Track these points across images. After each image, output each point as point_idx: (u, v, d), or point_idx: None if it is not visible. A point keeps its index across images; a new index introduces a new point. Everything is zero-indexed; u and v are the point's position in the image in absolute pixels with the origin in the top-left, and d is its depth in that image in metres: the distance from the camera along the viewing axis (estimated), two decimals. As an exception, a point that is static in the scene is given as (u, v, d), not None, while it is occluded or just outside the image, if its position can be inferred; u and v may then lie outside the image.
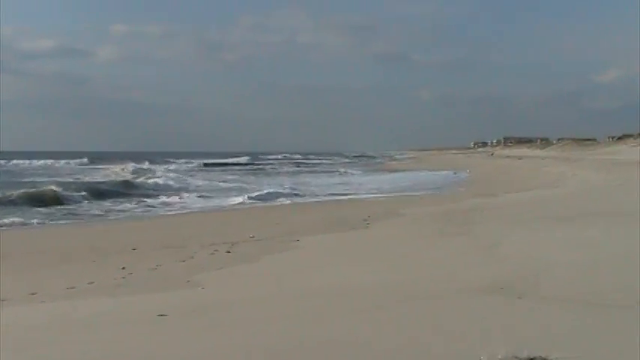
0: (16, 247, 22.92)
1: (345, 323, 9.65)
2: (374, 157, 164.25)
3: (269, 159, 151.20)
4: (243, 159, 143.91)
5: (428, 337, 8.61)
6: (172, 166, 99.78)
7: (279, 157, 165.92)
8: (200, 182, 62.49)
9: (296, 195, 46.89)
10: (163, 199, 44.49)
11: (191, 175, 73.47)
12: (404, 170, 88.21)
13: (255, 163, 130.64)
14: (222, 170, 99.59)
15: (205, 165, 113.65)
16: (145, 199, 44.20)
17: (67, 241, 25.49)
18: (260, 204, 40.69)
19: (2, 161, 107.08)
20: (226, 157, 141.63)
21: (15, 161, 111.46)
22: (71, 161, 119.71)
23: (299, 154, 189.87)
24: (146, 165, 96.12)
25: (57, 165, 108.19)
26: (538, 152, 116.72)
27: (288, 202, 42.08)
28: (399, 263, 16.36)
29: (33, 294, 14.40)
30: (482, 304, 10.71)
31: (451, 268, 14.90)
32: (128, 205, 40.79)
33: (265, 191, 47.43)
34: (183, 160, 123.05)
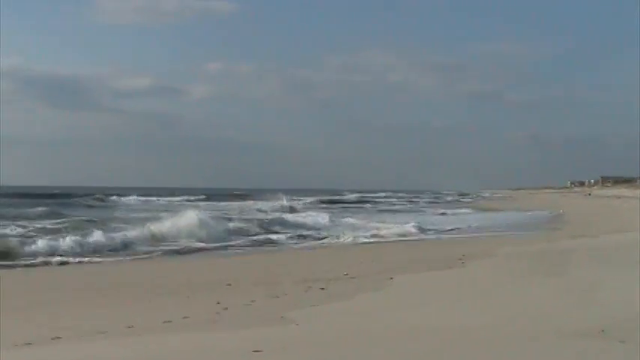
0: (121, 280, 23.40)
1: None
2: (467, 195, 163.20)
3: (375, 197, 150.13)
4: (353, 196, 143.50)
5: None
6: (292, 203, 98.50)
7: (383, 194, 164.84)
8: (345, 219, 61.02)
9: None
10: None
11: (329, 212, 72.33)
12: (497, 210, 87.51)
13: (366, 200, 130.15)
14: (343, 208, 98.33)
15: (321, 202, 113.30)
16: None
17: (182, 275, 25.88)
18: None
19: (114, 197, 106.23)
20: (320, 195, 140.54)
21: (130, 197, 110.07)
22: (191, 198, 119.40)
23: (403, 191, 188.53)
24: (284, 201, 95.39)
25: (187, 202, 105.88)
26: (637, 192, 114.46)
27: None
28: (494, 303, 16.20)
29: (129, 327, 14.60)
30: (582, 348, 10.52)
31: (547, 310, 14.59)
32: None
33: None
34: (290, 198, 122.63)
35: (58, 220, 49.19)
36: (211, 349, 11.57)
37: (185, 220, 44.93)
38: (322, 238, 42.94)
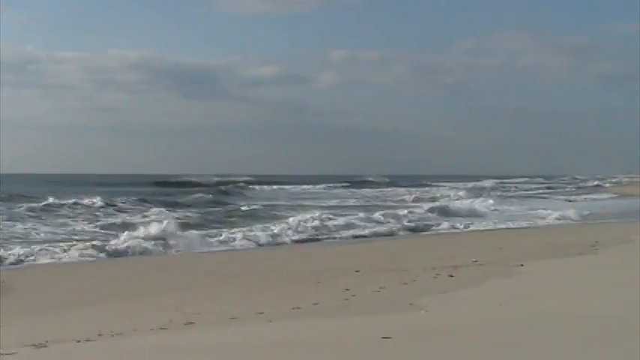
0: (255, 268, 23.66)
1: (578, 353, 9.43)
2: (606, 180, 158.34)
3: (513, 183, 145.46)
4: (488, 182, 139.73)
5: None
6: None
7: (521, 180, 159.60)
8: (506, 207, 60.89)
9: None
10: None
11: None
12: (633, 195, 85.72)
13: (505, 186, 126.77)
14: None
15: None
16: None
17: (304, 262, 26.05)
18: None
19: (257, 187, 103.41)
20: (448, 181, 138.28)
21: (276, 186, 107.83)
22: (334, 185, 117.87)
23: (540, 177, 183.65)
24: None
25: (335, 191, 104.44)
26: None
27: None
28: (630, 291, 15.86)
29: (259, 313, 14.66)
30: None
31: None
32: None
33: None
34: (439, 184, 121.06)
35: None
36: (340, 336, 11.51)
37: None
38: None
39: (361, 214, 45.91)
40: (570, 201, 69.22)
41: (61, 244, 31.29)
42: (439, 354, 9.46)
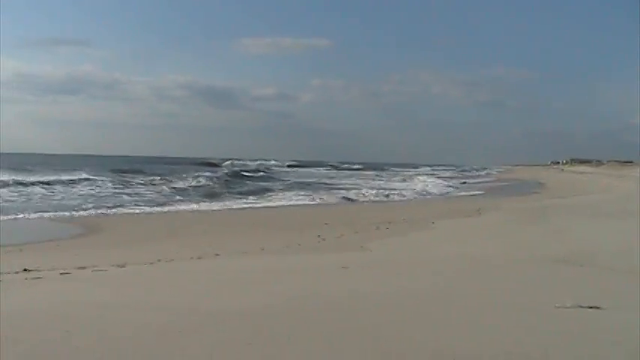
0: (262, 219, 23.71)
1: (466, 279, 9.57)
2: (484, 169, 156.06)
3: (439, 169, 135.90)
4: (424, 169, 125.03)
5: (519, 288, 8.49)
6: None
7: (441, 168, 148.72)
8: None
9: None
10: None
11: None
12: (503, 180, 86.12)
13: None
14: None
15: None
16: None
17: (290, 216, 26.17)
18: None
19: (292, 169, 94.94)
20: (396, 167, 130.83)
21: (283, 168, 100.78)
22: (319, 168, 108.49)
23: (452, 165, 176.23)
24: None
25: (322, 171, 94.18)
26: (594, 169, 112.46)
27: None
28: (501, 240, 16.14)
29: (262, 249, 14.74)
30: (555, 269, 10.54)
31: (533, 244, 14.63)
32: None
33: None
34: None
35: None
36: (315, 265, 11.60)
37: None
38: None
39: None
40: (464, 183, 69.01)
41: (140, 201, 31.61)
42: (380, 278, 9.54)
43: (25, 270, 10.92)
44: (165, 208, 29.09)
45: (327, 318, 6.42)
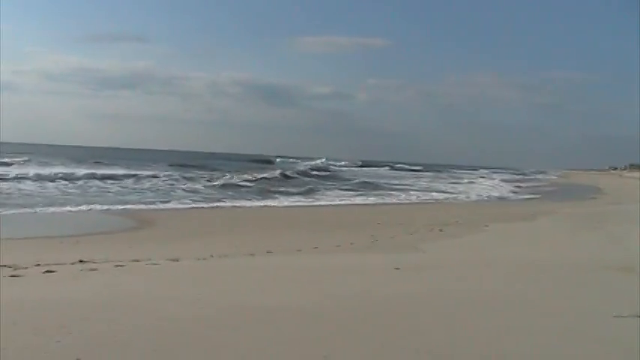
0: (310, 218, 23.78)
1: (519, 283, 9.45)
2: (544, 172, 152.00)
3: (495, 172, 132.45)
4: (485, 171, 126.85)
5: (574, 295, 8.36)
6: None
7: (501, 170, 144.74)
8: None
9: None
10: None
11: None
12: (559, 185, 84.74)
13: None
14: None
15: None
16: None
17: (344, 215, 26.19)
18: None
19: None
20: (452, 168, 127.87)
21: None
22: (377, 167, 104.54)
23: (511, 169, 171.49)
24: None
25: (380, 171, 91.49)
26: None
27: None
28: (556, 245, 15.92)
29: (315, 247, 14.77)
30: (612, 277, 10.29)
31: (589, 251, 14.36)
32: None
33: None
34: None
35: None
36: (367, 265, 11.58)
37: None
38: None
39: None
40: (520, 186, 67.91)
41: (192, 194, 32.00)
42: (432, 280, 9.50)
43: (80, 261, 11.13)
44: (219, 204, 29.32)
45: (378, 318, 6.43)
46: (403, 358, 5.14)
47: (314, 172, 62.37)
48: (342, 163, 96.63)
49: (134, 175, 41.45)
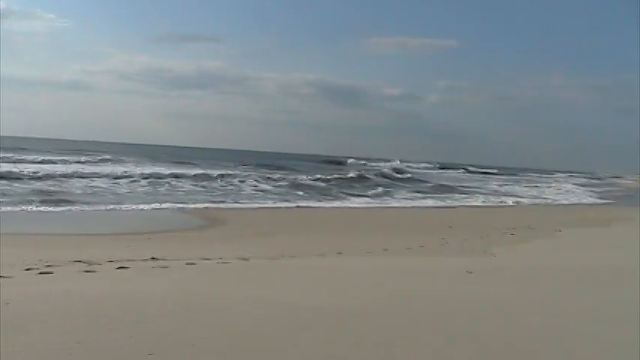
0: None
1: (593, 290, 9.23)
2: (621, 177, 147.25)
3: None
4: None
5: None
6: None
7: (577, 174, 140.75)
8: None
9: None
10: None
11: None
12: (637, 190, 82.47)
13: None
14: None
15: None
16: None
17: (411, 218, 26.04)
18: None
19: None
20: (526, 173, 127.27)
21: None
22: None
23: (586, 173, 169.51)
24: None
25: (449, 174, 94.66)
26: None
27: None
28: (631, 252, 15.44)
29: (385, 249, 14.70)
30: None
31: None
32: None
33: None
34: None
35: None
36: (437, 268, 11.46)
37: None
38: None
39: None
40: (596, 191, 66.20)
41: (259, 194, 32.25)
42: (504, 284, 9.36)
43: (152, 258, 11.31)
44: (290, 204, 29.49)
45: (445, 322, 6.36)
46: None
47: (389, 174, 61.86)
48: (421, 165, 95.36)
49: (205, 174, 41.90)
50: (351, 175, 53.25)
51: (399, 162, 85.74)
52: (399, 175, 60.95)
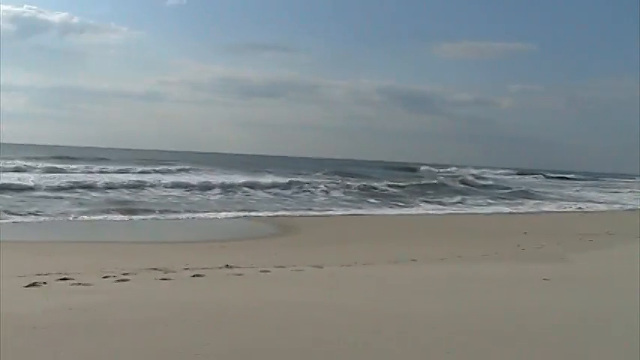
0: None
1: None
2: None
3: None
4: None
5: None
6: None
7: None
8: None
9: None
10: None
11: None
12: None
13: None
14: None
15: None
16: None
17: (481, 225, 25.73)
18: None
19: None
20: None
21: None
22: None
23: None
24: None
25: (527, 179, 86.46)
26: None
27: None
28: None
29: (459, 256, 14.52)
30: None
31: None
32: None
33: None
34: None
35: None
36: (513, 275, 11.26)
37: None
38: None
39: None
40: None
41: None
42: (583, 291, 9.12)
43: (227, 266, 11.41)
44: (362, 211, 29.48)
45: (521, 331, 6.21)
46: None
47: (469, 180, 61.06)
48: (499, 171, 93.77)
49: (278, 182, 42.11)
50: (427, 181, 52.95)
51: (472, 169, 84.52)
52: (481, 182, 60.19)
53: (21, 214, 21.73)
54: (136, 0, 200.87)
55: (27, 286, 8.38)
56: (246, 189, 37.38)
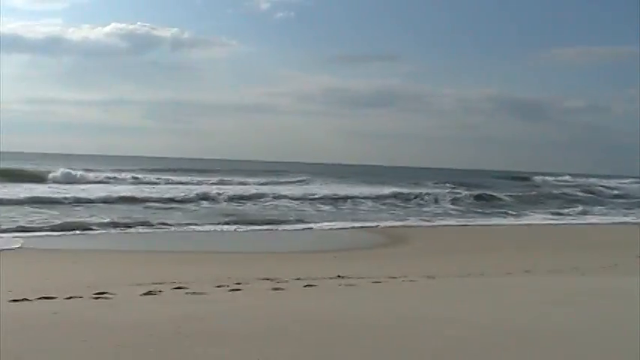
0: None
1: None
2: None
3: None
4: None
5: None
6: None
7: None
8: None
9: None
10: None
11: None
12: None
13: None
14: None
15: None
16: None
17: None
18: None
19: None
20: None
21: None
22: None
23: None
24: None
25: None
26: None
27: None
28: None
29: (575, 268, 14.03)
30: None
31: None
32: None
33: None
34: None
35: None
36: (612, 289, 10.56)
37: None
38: None
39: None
40: None
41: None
42: None
43: (339, 276, 11.39)
44: (472, 222, 29.09)
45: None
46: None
47: (595, 190, 59.20)
48: (626, 180, 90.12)
49: (387, 193, 41.91)
50: (546, 190, 51.78)
51: (592, 178, 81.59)
52: (608, 192, 58.21)
53: (150, 225, 22.54)
54: (245, 14, 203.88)
55: (143, 294, 8.58)
56: (354, 199, 37.41)
